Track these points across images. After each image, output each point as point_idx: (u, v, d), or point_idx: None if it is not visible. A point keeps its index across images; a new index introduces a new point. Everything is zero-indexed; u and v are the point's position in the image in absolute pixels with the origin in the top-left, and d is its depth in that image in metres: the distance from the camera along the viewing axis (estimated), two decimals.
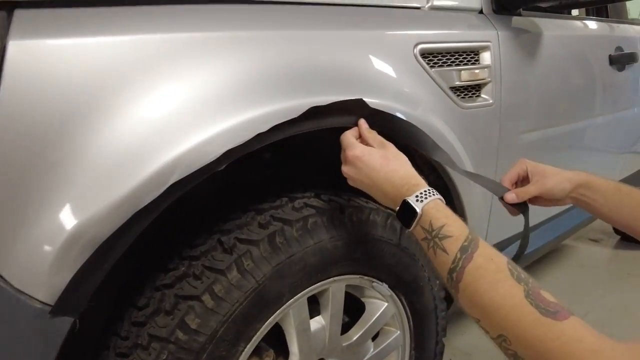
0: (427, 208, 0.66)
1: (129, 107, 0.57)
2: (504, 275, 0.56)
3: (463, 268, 0.59)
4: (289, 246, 0.75)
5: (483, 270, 0.58)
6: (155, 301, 0.72)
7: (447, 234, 0.63)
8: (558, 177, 0.82)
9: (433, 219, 0.65)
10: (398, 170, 0.71)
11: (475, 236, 0.63)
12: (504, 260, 0.59)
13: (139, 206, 0.57)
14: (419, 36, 0.91)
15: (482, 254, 0.60)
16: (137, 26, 0.60)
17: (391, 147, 0.75)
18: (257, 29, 0.68)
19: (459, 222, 0.65)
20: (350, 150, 0.74)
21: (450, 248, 0.62)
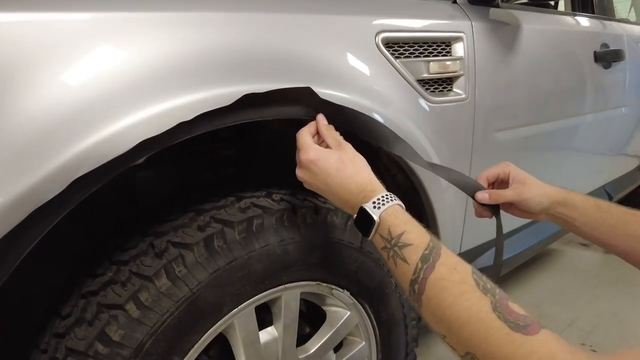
0: (384, 215, 0.62)
1: (30, 94, 0.50)
2: (469, 287, 0.52)
3: (425, 279, 0.55)
4: (229, 250, 0.68)
5: (446, 282, 0.54)
6: (78, 310, 0.65)
7: (406, 242, 0.59)
8: (537, 190, 0.79)
9: (392, 226, 0.61)
10: (354, 175, 0.66)
11: (436, 243, 0.58)
12: (469, 269, 0.55)
13: (39, 203, 0.50)
14: (382, 24, 0.85)
15: (445, 263, 0.56)
16: (45, 4, 0.53)
17: (349, 148, 0.70)
18: (188, 9, 0.61)
19: (418, 228, 0.61)
20: (304, 154, 0.68)
21: (411, 257, 0.58)
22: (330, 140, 0.70)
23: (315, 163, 0.67)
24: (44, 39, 0.51)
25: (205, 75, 0.59)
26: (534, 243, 1.52)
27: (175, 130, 0.55)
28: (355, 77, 0.78)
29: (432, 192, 0.94)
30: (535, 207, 0.79)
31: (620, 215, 0.74)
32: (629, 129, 1.87)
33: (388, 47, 0.85)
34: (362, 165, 0.68)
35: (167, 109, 0.55)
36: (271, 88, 0.64)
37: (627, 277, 2.05)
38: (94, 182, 0.53)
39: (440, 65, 0.94)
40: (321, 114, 0.73)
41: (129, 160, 0.54)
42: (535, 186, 0.79)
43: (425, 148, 0.92)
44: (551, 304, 1.85)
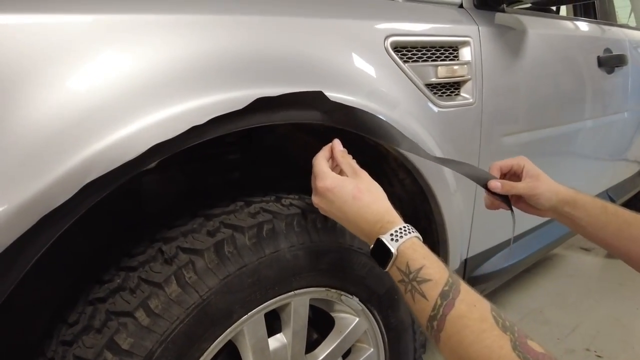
0: (402, 248, 0.61)
1: (39, 97, 0.49)
2: (489, 325, 0.52)
3: (444, 316, 0.55)
4: (239, 256, 0.67)
5: (467, 320, 0.53)
6: (86, 317, 0.64)
7: (425, 278, 0.58)
8: (548, 187, 0.79)
9: (410, 260, 0.60)
10: (371, 204, 0.66)
11: (456, 279, 0.58)
12: (488, 307, 0.55)
13: (48, 209, 0.49)
14: (391, 28, 0.84)
15: (465, 300, 0.55)
16: (53, 5, 0.52)
17: (364, 176, 0.69)
18: (200, 12, 0.61)
19: (437, 263, 0.60)
20: (320, 181, 0.68)
21: (430, 293, 0.57)
22: (346, 167, 0.70)
23: (332, 191, 0.66)
24: (54, 42, 0.50)
25: (217, 79, 0.58)
26: (537, 248, 1.51)
27: (187, 135, 0.54)
28: (364, 81, 0.78)
29: (440, 197, 0.93)
30: (544, 204, 0.80)
31: (626, 218, 0.74)
32: (631, 134, 1.87)
33: (397, 51, 0.85)
34: (379, 194, 0.68)
35: (179, 113, 0.54)
36: (282, 92, 0.63)
37: (629, 281, 2.05)
38: (104, 187, 0.52)
39: (448, 69, 0.94)
40: (337, 139, 0.73)
41: (140, 164, 0.53)
42: (547, 183, 0.80)
43: (433, 151, 0.91)
44: (554, 309, 1.84)
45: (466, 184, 1.04)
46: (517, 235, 1.37)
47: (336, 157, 0.72)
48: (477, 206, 1.10)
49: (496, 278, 1.33)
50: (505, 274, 1.39)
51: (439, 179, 0.93)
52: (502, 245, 1.32)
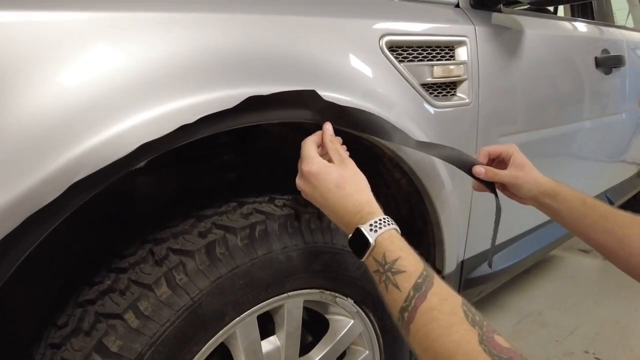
0: (380, 239, 0.61)
1: (27, 95, 0.48)
2: (459, 319, 0.53)
3: (415, 308, 0.55)
4: (231, 257, 0.66)
5: (437, 312, 0.54)
6: (75, 319, 0.63)
7: (400, 269, 0.59)
8: (531, 177, 0.81)
9: (387, 251, 0.60)
10: (353, 194, 0.65)
11: (430, 272, 0.59)
12: (459, 301, 0.56)
13: (35, 208, 0.48)
14: (386, 27, 0.84)
15: (437, 293, 0.56)
16: (41, 3, 0.51)
17: (351, 166, 0.69)
18: (192, 10, 0.60)
19: (413, 255, 0.61)
20: (306, 165, 0.67)
21: (403, 284, 0.57)
22: (334, 154, 0.70)
23: (316, 176, 0.66)
24: (43, 39, 0.50)
25: (208, 77, 0.58)
26: (535, 250, 1.50)
27: (177, 133, 0.54)
28: (358, 80, 0.77)
29: (436, 198, 0.93)
30: (525, 194, 0.82)
31: (602, 212, 0.77)
32: (629, 135, 1.87)
33: (392, 51, 0.84)
34: (362, 185, 0.68)
35: (169, 111, 0.53)
36: (275, 90, 0.62)
37: (628, 283, 2.02)
38: (93, 186, 0.51)
39: (444, 69, 0.93)
40: (329, 122, 0.72)
41: (130, 163, 0.52)
42: (530, 174, 0.82)
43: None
44: (553, 311, 1.83)
45: (462, 185, 1.04)
46: (514, 237, 1.36)
47: (325, 142, 0.71)
48: (474, 207, 1.09)
49: (494, 280, 1.32)
50: (503, 276, 1.39)
51: (435, 179, 0.92)
52: (500, 246, 1.31)
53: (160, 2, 0.58)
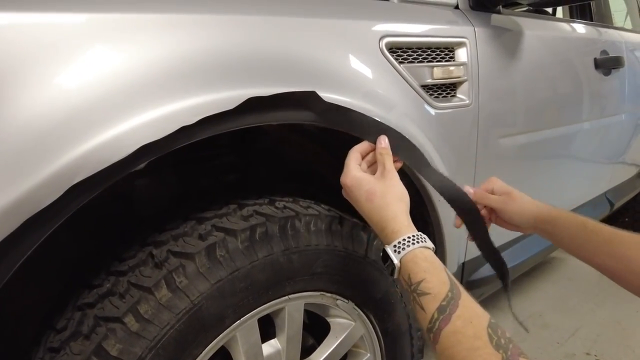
0: (405, 260, 0.62)
1: (26, 96, 0.48)
2: (482, 342, 0.53)
3: (440, 330, 0.56)
4: (231, 260, 0.66)
5: (460, 336, 0.54)
6: (74, 323, 0.62)
7: (425, 291, 0.59)
8: (522, 206, 0.80)
9: (412, 273, 0.61)
10: (380, 210, 0.67)
11: (456, 293, 0.59)
12: (485, 324, 0.55)
13: (34, 211, 0.48)
14: (386, 28, 0.83)
15: (462, 316, 0.56)
16: (41, 5, 0.51)
17: (389, 180, 0.70)
18: (191, 12, 0.60)
19: (439, 276, 0.61)
20: (343, 176, 0.71)
21: (428, 307, 0.58)
22: (379, 166, 0.72)
23: (350, 188, 0.69)
24: (42, 41, 0.49)
25: (208, 78, 0.57)
26: (536, 252, 1.50)
27: (177, 135, 0.53)
28: (359, 81, 0.77)
29: (437, 200, 0.92)
30: (519, 224, 0.81)
31: (606, 236, 0.74)
32: (628, 136, 1.87)
33: (392, 52, 0.84)
34: (393, 199, 0.68)
35: (169, 113, 0.53)
36: (275, 92, 0.62)
37: None
38: (92, 188, 0.51)
39: (444, 70, 0.93)
40: (383, 137, 0.74)
41: (129, 165, 0.52)
42: (520, 201, 0.81)
43: (430, 153, 0.90)
44: (554, 313, 1.83)
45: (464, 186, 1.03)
46: (514, 239, 1.36)
47: (376, 152, 0.74)
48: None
49: (495, 282, 1.32)
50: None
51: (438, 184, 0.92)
52: (501, 248, 1.30)
53: (160, 3, 0.58)
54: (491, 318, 0.56)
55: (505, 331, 0.55)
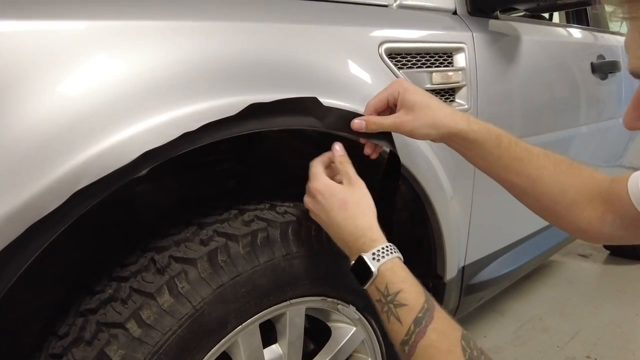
0: (383, 269, 0.62)
1: (29, 103, 0.48)
2: (456, 357, 0.54)
3: (415, 343, 0.56)
4: (233, 265, 0.66)
5: (434, 350, 0.55)
6: (76, 329, 0.62)
7: (402, 302, 0.59)
8: (426, 121, 0.69)
9: (389, 282, 0.61)
10: (356, 218, 0.66)
11: (431, 304, 0.59)
12: (458, 336, 0.56)
13: (37, 217, 0.48)
14: (385, 34, 0.84)
15: (436, 329, 0.57)
16: (44, 12, 0.51)
17: (358, 188, 0.68)
18: (193, 19, 0.60)
19: (415, 287, 0.61)
20: (312, 182, 0.68)
21: (405, 318, 0.58)
22: (343, 175, 0.70)
23: (322, 194, 0.67)
24: (43, 48, 0.50)
25: (210, 84, 0.58)
26: (535, 255, 1.51)
27: (179, 141, 0.54)
28: (359, 87, 0.77)
29: (437, 203, 0.93)
30: (422, 138, 0.72)
31: (517, 154, 0.71)
32: (626, 140, 1.88)
33: (391, 58, 0.85)
34: (367, 209, 0.67)
35: (172, 119, 0.53)
36: (276, 98, 0.62)
37: (628, 287, 2.04)
38: (95, 194, 0.51)
39: (443, 75, 0.94)
40: (339, 143, 0.72)
41: (132, 171, 0.52)
42: (424, 115, 0.69)
43: (429, 158, 0.91)
44: (554, 316, 1.83)
45: (463, 190, 1.04)
46: (514, 243, 1.36)
47: (335, 162, 0.71)
48: (474, 213, 1.10)
49: (494, 285, 1.32)
50: (504, 282, 1.38)
51: (436, 185, 0.92)
52: (500, 252, 1.31)
53: (162, 10, 0.59)
54: (463, 330, 0.57)
55: (477, 343, 0.56)
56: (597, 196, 0.67)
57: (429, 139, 0.72)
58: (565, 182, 0.70)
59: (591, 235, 0.70)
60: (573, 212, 0.69)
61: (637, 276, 2.14)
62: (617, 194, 0.63)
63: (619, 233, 0.66)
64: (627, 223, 0.63)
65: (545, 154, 0.72)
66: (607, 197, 0.66)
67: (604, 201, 0.66)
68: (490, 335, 1.71)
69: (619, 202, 0.63)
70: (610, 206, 0.65)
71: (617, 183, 0.65)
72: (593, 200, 0.68)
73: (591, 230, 0.68)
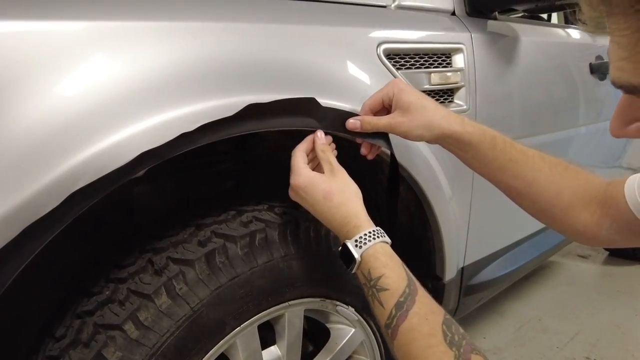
0: (365, 255, 0.62)
1: (26, 104, 0.48)
2: (437, 340, 0.55)
3: (397, 326, 0.57)
4: (231, 266, 0.66)
5: (416, 333, 0.56)
6: (73, 331, 0.62)
7: (384, 287, 0.60)
8: (420, 122, 0.69)
9: (371, 268, 0.61)
10: (340, 206, 0.66)
11: (413, 289, 0.59)
12: (439, 320, 0.57)
13: (33, 218, 0.48)
14: (384, 35, 0.84)
15: (418, 313, 0.57)
16: (41, 12, 0.51)
17: (340, 176, 0.68)
18: (190, 19, 0.60)
19: (397, 271, 0.61)
20: (293, 178, 0.68)
21: (387, 302, 0.59)
22: (324, 164, 0.69)
23: (304, 189, 0.67)
24: (40, 48, 0.49)
25: (207, 85, 0.58)
26: (534, 256, 1.50)
27: (176, 142, 0.53)
28: (357, 88, 0.77)
29: (436, 205, 0.93)
30: (416, 139, 0.72)
31: (513, 155, 0.70)
32: (624, 140, 1.88)
33: (389, 58, 0.85)
34: (351, 195, 0.67)
35: (169, 120, 0.53)
36: (274, 98, 0.62)
37: (627, 288, 2.04)
38: (92, 195, 0.51)
39: (441, 76, 0.94)
40: (320, 130, 0.71)
41: (129, 172, 0.52)
42: (419, 116, 0.69)
43: (428, 158, 0.91)
44: (553, 317, 1.83)
45: (462, 191, 1.04)
46: (513, 244, 1.36)
47: (316, 151, 0.70)
48: (473, 214, 1.09)
49: (494, 286, 1.32)
50: (503, 282, 1.38)
51: (434, 186, 0.92)
52: (499, 252, 1.31)
53: (159, 11, 0.59)
54: (446, 314, 0.58)
55: (459, 327, 0.56)
56: (593, 199, 0.67)
57: (423, 140, 0.72)
58: (561, 185, 0.69)
59: (588, 238, 0.70)
60: (569, 215, 0.69)
61: (637, 277, 2.14)
62: (614, 198, 0.64)
63: (616, 237, 0.66)
64: (623, 227, 0.63)
65: (540, 156, 0.72)
66: (603, 201, 0.66)
67: (601, 204, 0.66)
68: (490, 336, 1.71)
69: (616, 205, 0.63)
70: (606, 209, 0.65)
71: (613, 186, 0.65)
72: (589, 203, 0.68)
73: (588, 233, 0.68)
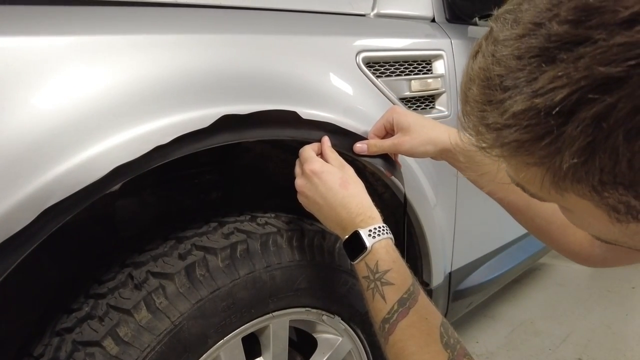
0: (377, 246, 0.63)
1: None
2: (433, 340, 0.56)
3: (397, 322, 0.57)
4: (212, 279, 0.65)
5: (415, 330, 0.57)
6: (51, 349, 0.61)
7: (389, 281, 0.60)
8: (422, 139, 0.73)
9: (380, 260, 0.62)
10: (356, 196, 0.67)
11: (416, 288, 0.61)
12: (438, 322, 0.58)
13: (6, 235, 0.47)
14: (363, 44, 0.85)
15: (418, 311, 0.58)
16: (9, 28, 0.51)
17: (350, 170, 0.70)
18: (163, 32, 0.60)
19: (404, 269, 0.62)
20: (308, 164, 0.68)
21: (390, 297, 0.59)
22: (334, 161, 0.71)
23: (319, 175, 0.67)
24: (10, 64, 0.49)
25: (182, 97, 0.57)
26: (523, 259, 1.51)
27: (151, 155, 0.53)
28: (337, 97, 0.77)
29: (420, 211, 0.93)
30: (421, 155, 0.76)
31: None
32: None
33: (369, 67, 0.85)
34: (363, 189, 0.69)
35: (143, 133, 0.53)
36: (252, 109, 0.62)
37: (618, 287, 2.05)
38: (67, 210, 0.50)
39: (422, 83, 0.95)
40: (326, 136, 0.74)
41: (104, 187, 0.51)
42: (420, 134, 0.73)
43: (411, 165, 0.91)
44: (544, 319, 1.83)
45: (446, 197, 1.04)
46: (501, 247, 1.37)
47: (325, 151, 0.72)
48: (458, 220, 1.10)
49: (482, 291, 1.32)
50: (492, 286, 1.39)
51: (418, 193, 0.93)
52: (487, 257, 1.31)
53: (132, 24, 0.58)
54: (443, 318, 0.59)
55: (455, 332, 0.57)
56: None
57: (428, 155, 0.75)
58: None
59: (584, 258, 0.71)
60: (566, 233, 0.70)
61: (627, 277, 2.15)
62: None
63: (609, 255, 0.67)
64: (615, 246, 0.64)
65: None
66: None
67: None
68: (482, 340, 1.71)
69: None
70: None
71: None
72: None
73: (583, 252, 0.69)
